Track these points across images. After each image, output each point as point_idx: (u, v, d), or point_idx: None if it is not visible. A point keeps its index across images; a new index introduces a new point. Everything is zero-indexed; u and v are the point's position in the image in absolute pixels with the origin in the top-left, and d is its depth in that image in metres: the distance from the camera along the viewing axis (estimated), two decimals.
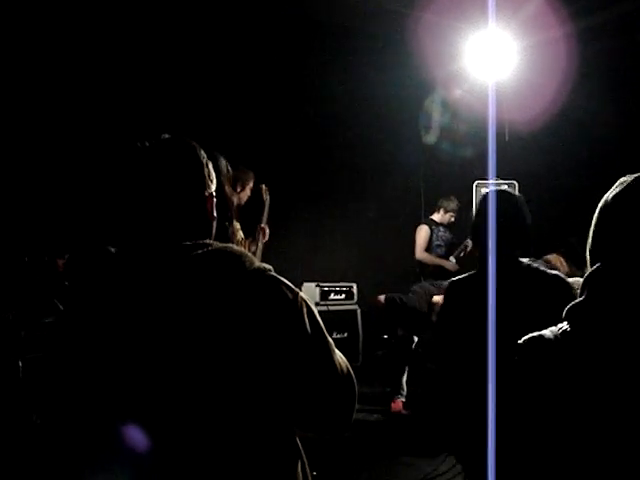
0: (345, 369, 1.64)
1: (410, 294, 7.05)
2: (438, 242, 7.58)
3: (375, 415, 6.46)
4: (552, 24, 6.40)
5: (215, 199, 1.83)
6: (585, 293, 1.50)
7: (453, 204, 7.63)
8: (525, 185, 7.26)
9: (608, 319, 1.42)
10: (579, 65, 6.46)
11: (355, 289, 7.79)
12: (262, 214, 5.76)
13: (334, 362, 1.61)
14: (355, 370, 1.70)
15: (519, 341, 1.55)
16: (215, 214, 1.83)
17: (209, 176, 1.81)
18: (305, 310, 1.61)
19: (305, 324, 1.59)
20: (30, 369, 4.81)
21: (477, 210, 3.04)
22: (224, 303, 1.54)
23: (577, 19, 6.43)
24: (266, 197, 5.80)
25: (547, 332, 1.52)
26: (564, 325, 1.51)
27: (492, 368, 2.93)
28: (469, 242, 7.03)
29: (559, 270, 4.75)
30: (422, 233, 7.59)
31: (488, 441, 2.90)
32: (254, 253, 5.87)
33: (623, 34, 6.43)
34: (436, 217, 7.66)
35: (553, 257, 4.95)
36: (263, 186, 5.77)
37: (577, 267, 4.80)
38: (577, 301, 1.51)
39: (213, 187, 1.82)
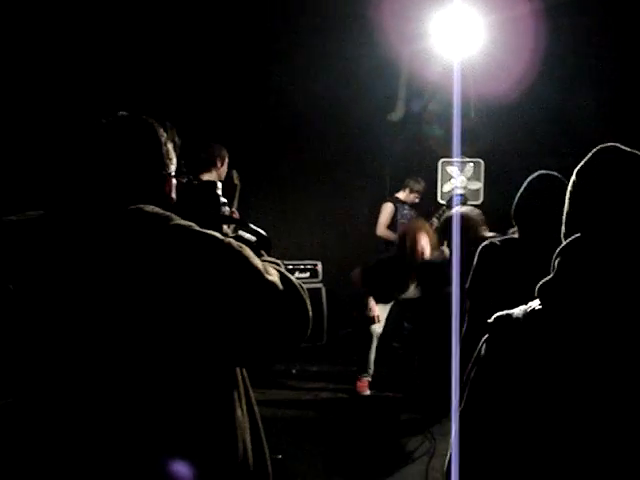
0: (282, 285, 1.58)
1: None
2: (402, 220, 7.56)
3: (339, 394, 6.42)
4: (519, 1, 6.37)
5: (175, 180, 1.80)
6: (555, 271, 1.46)
7: (419, 185, 7.64)
8: (491, 163, 7.28)
9: (577, 296, 1.38)
10: (547, 42, 6.45)
11: (320, 267, 7.74)
12: (233, 198, 5.75)
13: (265, 282, 1.55)
14: (319, 349, 1.67)
15: (488, 320, 1.51)
16: (174, 195, 1.80)
17: (167, 155, 1.76)
18: (234, 243, 1.59)
19: (234, 254, 1.57)
20: None
21: (529, 190, 3.03)
22: (141, 255, 1.51)
23: None
24: (237, 182, 5.81)
25: (517, 310, 1.48)
26: (534, 303, 1.47)
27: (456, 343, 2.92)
28: (434, 221, 7.04)
29: None
30: (386, 210, 7.61)
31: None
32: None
33: (591, 11, 6.42)
34: (401, 195, 7.66)
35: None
36: (234, 172, 5.75)
37: None
38: (547, 278, 1.47)
39: (172, 167, 1.78)
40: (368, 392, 6.38)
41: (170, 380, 1.53)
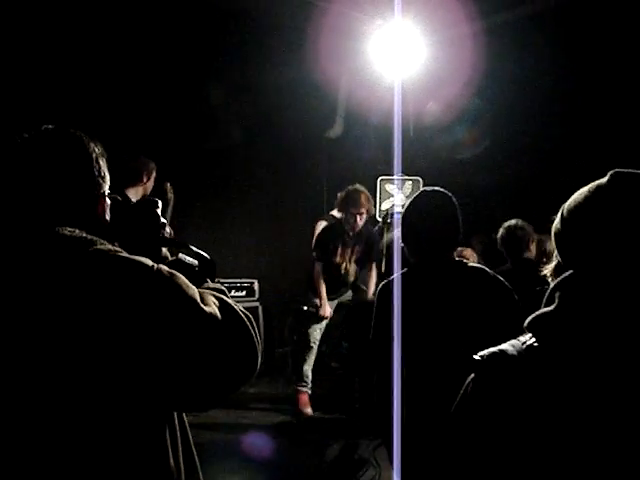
0: (222, 316, 1.42)
1: None
2: None
3: (280, 416, 6.23)
4: (460, 20, 6.40)
5: (108, 199, 1.61)
6: (556, 302, 1.32)
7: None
8: (430, 182, 7.25)
9: (584, 335, 1.24)
10: (485, 62, 6.48)
11: (257, 285, 7.59)
12: (166, 213, 5.54)
13: (201, 314, 1.39)
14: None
15: (475, 356, 1.35)
16: (108, 217, 1.61)
17: (99, 173, 1.57)
18: (165, 272, 1.42)
19: (168, 284, 1.40)
20: None
21: (411, 208, 2.88)
22: (55, 287, 1.33)
23: (484, 17, 6.46)
24: (170, 195, 5.63)
25: (509, 347, 1.33)
26: (527, 339, 1.33)
27: (397, 368, 2.81)
28: None
29: (469, 260, 4.75)
30: (319, 229, 7.47)
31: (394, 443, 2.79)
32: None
33: (529, 32, 6.49)
34: (336, 213, 7.58)
35: (466, 250, 5.03)
36: (168, 184, 5.58)
37: (488, 262, 4.83)
38: (544, 311, 1.33)
39: (106, 186, 1.60)
40: (310, 410, 6.21)
41: (89, 427, 1.35)
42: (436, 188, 2.89)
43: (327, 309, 6.40)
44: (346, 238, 6.58)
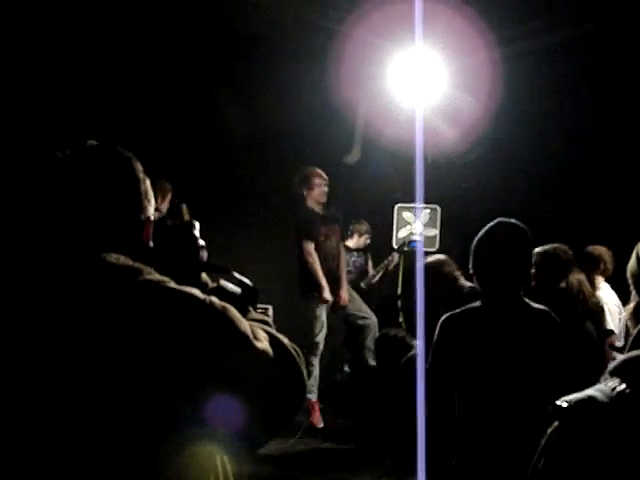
0: (273, 352, 1.35)
1: None
2: (348, 268, 7.50)
3: (300, 445, 6.09)
4: (479, 48, 6.36)
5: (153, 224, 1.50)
6: None
7: (365, 226, 7.66)
8: (447, 210, 7.18)
9: None
10: (504, 89, 6.42)
11: (271, 311, 7.49)
12: None
13: (254, 351, 1.32)
14: None
15: (559, 403, 1.25)
16: (151, 243, 1.50)
17: (146, 195, 1.47)
18: (218, 304, 1.34)
19: (218, 318, 1.32)
20: None
21: (486, 240, 2.79)
22: (101, 321, 1.24)
23: (503, 45, 6.41)
24: (187, 217, 5.59)
25: (597, 393, 1.23)
26: (616, 384, 1.23)
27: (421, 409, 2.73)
28: (394, 256, 7.00)
29: None
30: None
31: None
32: None
33: (549, 59, 6.44)
34: (350, 243, 7.64)
35: None
36: (184, 206, 5.55)
37: None
38: (633, 355, 1.24)
39: (151, 210, 1.49)
40: (321, 424, 6.18)
41: (141, 466, 1.26)
42: (513, 221, 2.79)
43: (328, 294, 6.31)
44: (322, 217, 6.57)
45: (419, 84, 6.83)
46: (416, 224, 7.02)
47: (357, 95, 7.49)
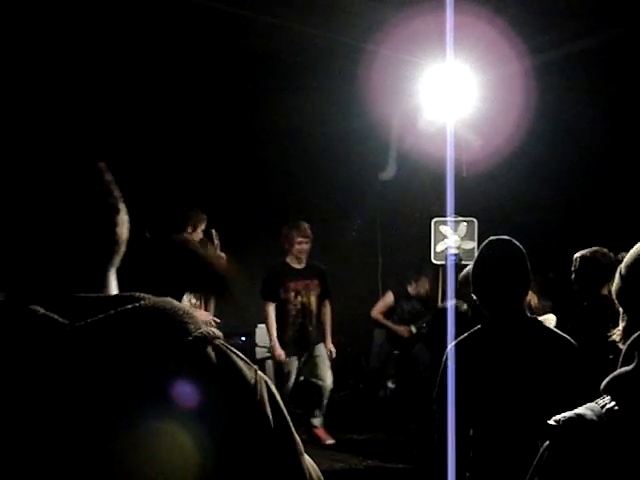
0: (315, 477, 1.19)
1: None
2: (400, 314, 7.58)
3: (337, 464, 6.12)
4: (510, 60, 6.34)
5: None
6: (635, 361, 1.22)
7: (427, 280, 7.61)
8: (484, 222, 7.16)
9: None
10: (538, 101, 6.39)
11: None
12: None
13: (302, 469, 1.16)
14: None
15: (550, 422, 1.26)
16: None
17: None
18: (267, 396, 1.13)
19: (268, 418, 1.12)
20: None
21: (479, 260, 2.82)
22: (152, 388, 1.01)
23: (535, 55, 6.38)
24: (217, 242, 5.64)
25: (586, 411, 1.24)
26: (606, 401, 1.24)
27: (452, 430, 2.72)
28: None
29: (531, 303, 4.58)
30: (385, 300, 7.68)
31: None
32: (207, 301, 5.63)
33: (582, 70, 6.39)
34: (410, 289, 7.61)
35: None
36: (213, 231, 5.61)
37: (552, 301, 4.64)
38: (622, 371, 1.24)
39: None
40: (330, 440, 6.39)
41: None
42: (503, 237, 2.82)
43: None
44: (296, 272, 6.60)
45: (451, 98, 6.84)
46: (452, 237, 7.01)
47: (390, 111, 7.51)
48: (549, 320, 4.24)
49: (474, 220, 7.07)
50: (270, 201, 7.92)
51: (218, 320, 5.53)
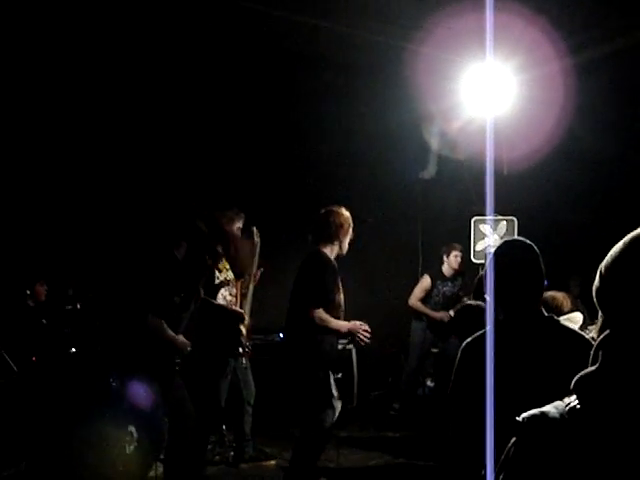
0: None
1: None
2: (437, 298, 7.61)
3: (371, 461, 6.18)
4: (550, 58, 6.29)
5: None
6: (599, 361, 1.26)
7: (454, 249, 7.55)
8: (524, 221, 7.11)
9: (625, 396, 1.18)
10: (578, 99, 6.33)
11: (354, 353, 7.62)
12: (253, 257, 5.61)
13: None
14: (349, 413, 1.45)
15: (517, 418, 1.30)
16: None
17: None
18: None
19: None
20: None
21: (493, 263, 2.84)
22: None
23: (576, 53, 6.33)
24: (257, 239, 5.65)
25: (551, 409, 1.28)
26: (572, 400, 1.27)
27: (490, 433, 2.74)
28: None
29: (563, 306, 4.55)
30: (422, 284, 7.66)
31: None
32: (245, 295, 5.71)
33: (621, 68, 6.30)
34: (444, 269, 7.60)
35: (559, 294, 4.71)
36: (254, 229, 5.63)
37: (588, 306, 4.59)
38: (587, 371, 1.27)
39: None
40: None
41: None
42: (516, 238, 2.85)
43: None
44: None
45: (491, 96, 6.81)
46: (492, 236, 6.98)
47: (431, 110, 7.51)
48: (574, 319, 4.20)
49: (514, 219, 7.04)
50: (309, 199, 7.98)
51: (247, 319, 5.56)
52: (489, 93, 6.81)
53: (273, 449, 6.13)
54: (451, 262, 7.58)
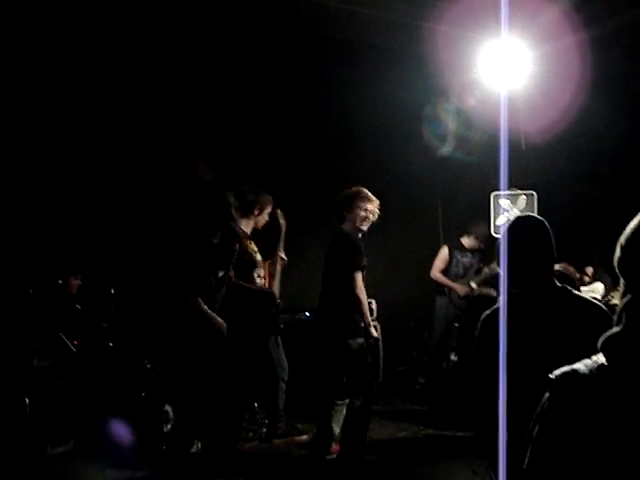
0: None
1: None
2: (456, 269, 7.73)
3: (401, 432, 6.34)
4: (565, 32, 6.32)
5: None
6: (623, 323, 1.39)
7: (481, 228, 7.58)
8: (543, 194, 7.18)
9: None
10: (594, 73, 6.37)
11: (374, 305, 7.71)
12: (279, 238, 5.77)
13: None
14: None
15: (550, 375, 1.44)
16: None
17: None
18: None
19: None
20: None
21: (506, 236, 2.97)
22: None
23: (591, 26, 6.34)
24: (282, 222, 5.81)
25: (581, 366, 1.41)
26: (600, 358, 1.40)
27: (503, 393, 2.87)
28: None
29: (573, 277, 4.66)
30: (440, 255, 7.78)
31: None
32: (272, 276, 5.87)
33: (636, 40, 6.33)
34: (465, 241, 7.71)
35: (564, 266, 4.81)
36: (279, 210, 5.76)
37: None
38: (613, 331, 1.40)
39: None
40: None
41: None
42: (528, 214, 2.98)
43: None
44: None
45: (508, 71, 6.84)
46: (513, 211, 7.05)
47: (447, 87, 7.56)
48: (596, 290, 4.32)
49: (533, 193, 7.10)
50: (332, 179, 8.09)
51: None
52: (505, 68, 6.85)
53: (304, 425, 6.31)
54: (475, 243, 7.72)
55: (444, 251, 7.77)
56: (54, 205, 7.07)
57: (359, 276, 5.45)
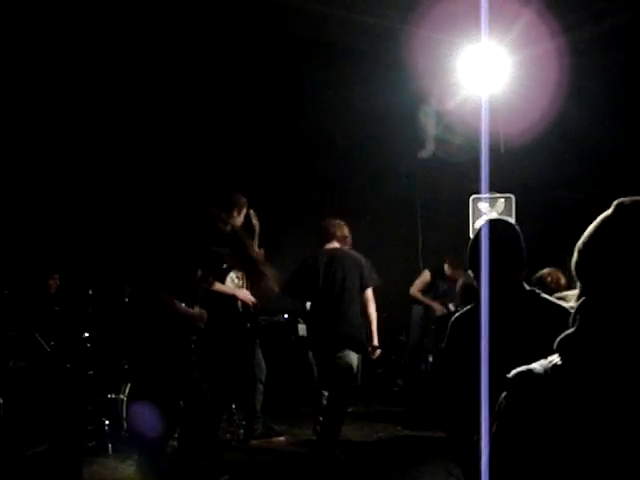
0: None
1: None
2: (435, 293, 7.67)
3: (379, 434, 6.37)
4: (544, 37, 6.38)
5: None
6: (576, 324, 1.44)
7: (460, 258, 7.59)
8: (521, 198, 7.24)
9: (600, 353, 1.36)
10: (571, 78, 6.44)
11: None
12: (253, 238, 5.79)
13: None
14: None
15: (508, 375, 1.48)
16: None
17: None
18: None
19: None
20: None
21: (474, 240, 3.00)
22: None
23: (570, 32, 6.42)
24: (255, 222, 5.84)
25: (537, 366, 1.45)
26: (555, 358, 1.44)
27: (485, 399, 2.90)
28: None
29: (558, 283, 4.70)
30: (422, 277, 7.74)
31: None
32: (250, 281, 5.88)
33: (615, 47, 6.41)
34: (446, 269, 7.67)
35: (552, 271, 4.84)
36: (252, 211, 5.79)
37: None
38: (568, 332, 1.45)
39: None
40: None
41: None
42: (499, 217, 3.02)
43: None
44: None
45: (487, 76, 6.90)
46: (491, 214, 7.10)
47: (427, 91, 7.61)
48: (567, 297, 4.35)
49: (512, 196, 7.15)
50: (309, 178, 8.12)
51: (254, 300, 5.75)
52: (484, 72, 6.90)
53: (282, 426, 6.31)
54: (455, 275, 7.67)
55: (426, 275, 7.71)
56: (32, 205, 7.04)
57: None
